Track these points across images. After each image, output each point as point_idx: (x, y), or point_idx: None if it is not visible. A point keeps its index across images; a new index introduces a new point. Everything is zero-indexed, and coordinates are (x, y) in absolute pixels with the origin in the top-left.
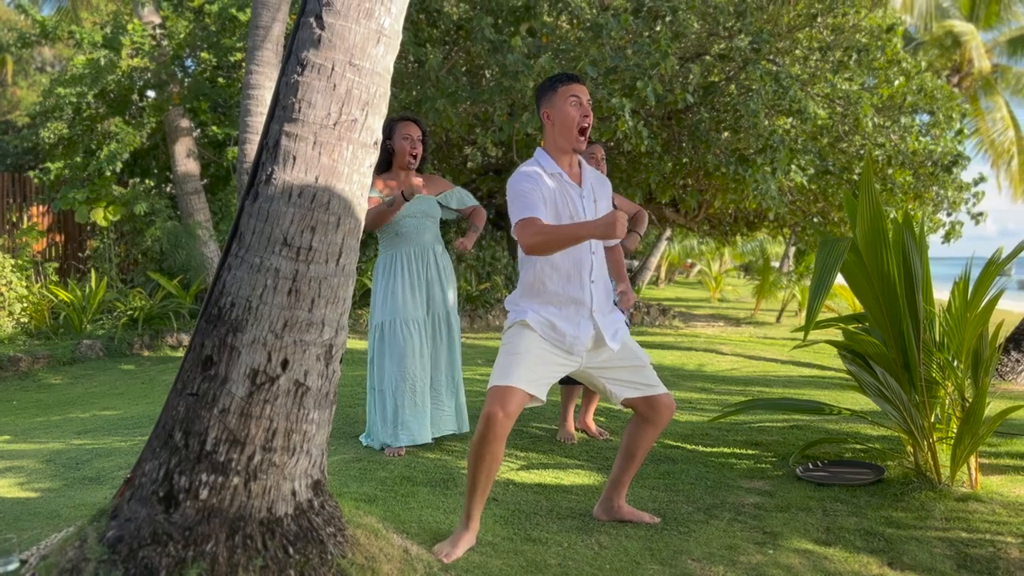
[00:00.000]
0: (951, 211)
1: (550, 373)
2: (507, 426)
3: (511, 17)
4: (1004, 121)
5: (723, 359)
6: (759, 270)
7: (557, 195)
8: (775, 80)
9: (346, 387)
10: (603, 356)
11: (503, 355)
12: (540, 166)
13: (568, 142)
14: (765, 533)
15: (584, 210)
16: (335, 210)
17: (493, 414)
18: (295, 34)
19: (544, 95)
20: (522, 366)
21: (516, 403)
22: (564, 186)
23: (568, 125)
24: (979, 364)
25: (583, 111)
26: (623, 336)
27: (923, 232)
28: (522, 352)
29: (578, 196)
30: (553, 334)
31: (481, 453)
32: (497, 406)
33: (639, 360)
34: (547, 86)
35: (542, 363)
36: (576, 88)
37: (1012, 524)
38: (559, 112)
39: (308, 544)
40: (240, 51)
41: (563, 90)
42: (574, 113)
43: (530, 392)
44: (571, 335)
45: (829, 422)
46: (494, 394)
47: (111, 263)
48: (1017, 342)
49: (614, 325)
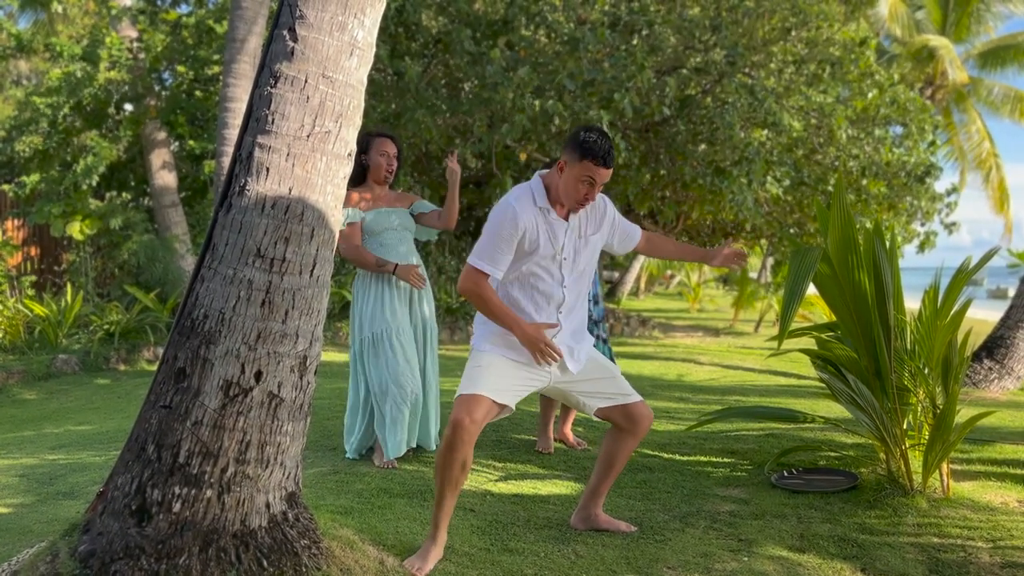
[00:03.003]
0: (924, 221)
1: (517, 384)
2: (474, 433)
3: (489, 31)
4: (979, 133)
5: (701, 369)
6: (737, 281)
7: (539, 229)
8: (750, 93)
9: (322, 399)
10: (569, 373)
11: (469, 368)
12: (531, 196)
13: (567, 202)
14: (740, 540)
15: (565, 245)
16: (309, 221)
17: (460, 420)
18: (269, 47)
19: (571, 149)
20: (488, 376)
21: (483, 411)
22: (549, 222)
23: (572, 195)
24: (949, 372)
25: (590, 193)
26: (585, 355)
27: (894, 242)
28: (486, 365)
29: (562, 231)
30: (516, 351)
31: (448, 460)
32: (464, 413)
33: (607, 371)
34: (577, 146)
35: (508, 375)
36: (599, 173)
37: (983, 529)
38: (572, 179)
39: (282, 557)
40: (217, 64)
41: (588, 165)
42: (583, 190)
43: (497, 400)
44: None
45: (804, 430)
46: (460, 402)
47: (87, 277)
48: (990, 350)
49: (579, 349)
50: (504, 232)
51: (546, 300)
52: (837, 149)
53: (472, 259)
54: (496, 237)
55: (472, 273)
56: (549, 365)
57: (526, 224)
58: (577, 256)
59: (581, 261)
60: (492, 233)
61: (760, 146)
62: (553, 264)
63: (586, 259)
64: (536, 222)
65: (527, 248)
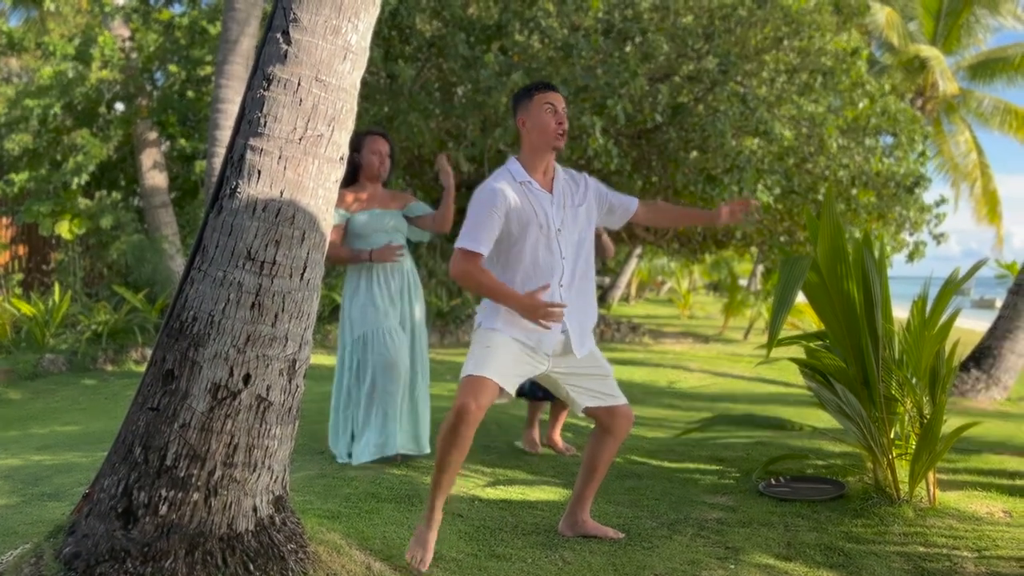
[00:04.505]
0: (913, 231)
1: (520, 370)
2: (478, 417)
3: (483, 35)
4: (967, 144)
5: (691, 376)
6: (727, 288)
7: (524, 203)
8: (742, 101)
9: (311, 403)
10: (569, 362)
11: (476, 348)
12: (510, 175)
13: (547, 142)
14: (727, 548)
15: (553, 217)
16: (300, 224)
17: (466, 406)
18: (262, 49)
19: (520, 102)
20: (496, 358)
21: (488, 395)
22: (533, 194)
23: (544, 129)
24: (937, 381)
25: (558, 117)
26: (590, 346)
27: (883, 251)
28: (494, 346)
29: (548, 202)
30: (521, 333)
31: (451, 443)
32: (470, 398)
33: (602, 370)
34: (523, 94)
35: (513, 359)
36: (551, 96)
37: (968, 539)
38: (535, 119)
39: (269, 561)
40: (210, 64)
41: (539, 97)
42: (549, 119)
43: (502, 385)
44: (536, 334)
45: (792, 438)
46: (468, 384)
47: (76, 276)
48: (977, 360)
49: (585, 333)
50: (484, 208)
51: (548, 276)
52: (828, 158)
53: (458, 242)
54: (477, 216)
55: (459, 255)
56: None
57: (509, 199)
58: (568, 227)
59: (575, 232)
60: (473, 213)
61: (751, 154)
62: (544, 236)
63: (580, 231)
64: (519, 196)
65: (516, 226)
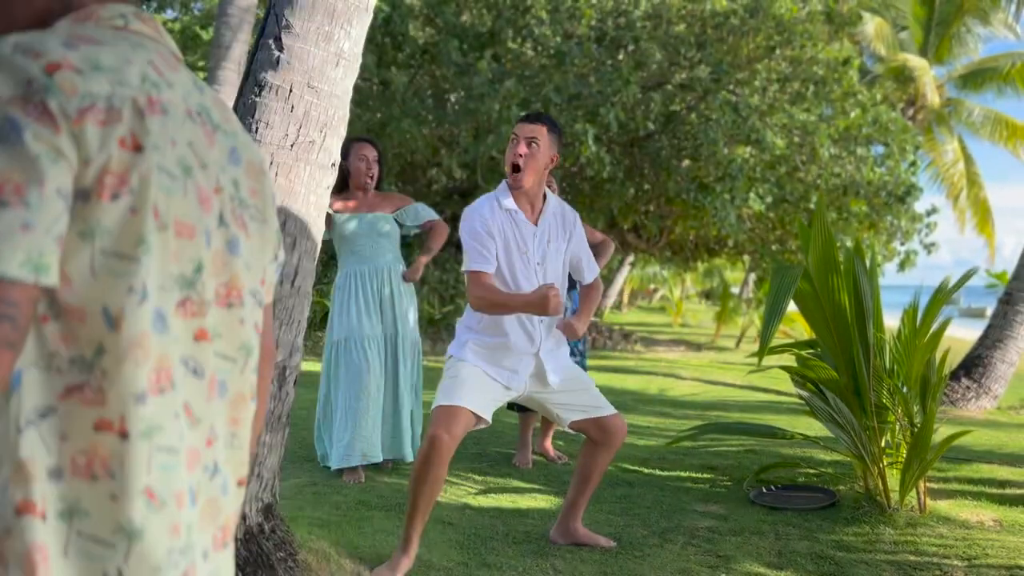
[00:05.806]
0: (904, 240)
1: (494, 397)
2: (452, 448)
3: (476, 43)
4: (955, 153)
5: (683, 384)
6: (720, 296)
7: (507, 232)
8: (734, 110)
9: (301, 410)
10: (546, 385)
11: (446, 379)
12: (497, 201)
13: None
14: (718, 556)
15: (534, 250)
16: (291, 231)
17: (438, 437)
18: (254, 55)
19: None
20: (466, 387)
21: (462, 424)
22: (517, 225)
23: (508, 158)
24: (927, 390)
25: (514, 149)
26: (564, 368)
27: (874, 260)
28: (465, 376)
29: (531, 235)
30: (492, 366)
31: (423, 475)
32: (442, 428)
33: (582, 383)
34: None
35: (485, 387)
36: (519, 128)
37: (958, 547)
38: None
39: (258, 569)
40: (202, 70)
41: (514, 131)
42: (509, 152)
43: (476, 412)
44: (509, 369)
45: (783, 447)
46: (439, 414)
47: None
48: (968, 369)
49: (557, 361)
50: (475, 228)
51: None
52: (819, 167)
53: (465, 268)
54: (472, 237)
55: (471, 279)
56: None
57: (493, 224)
58: (547, 261)
59: (553, 268)
60: (467, 237)
61: (743, 163)
62: (525, 266)
63: (558, 266)
64: (502, 223)
65: (502, 252)
